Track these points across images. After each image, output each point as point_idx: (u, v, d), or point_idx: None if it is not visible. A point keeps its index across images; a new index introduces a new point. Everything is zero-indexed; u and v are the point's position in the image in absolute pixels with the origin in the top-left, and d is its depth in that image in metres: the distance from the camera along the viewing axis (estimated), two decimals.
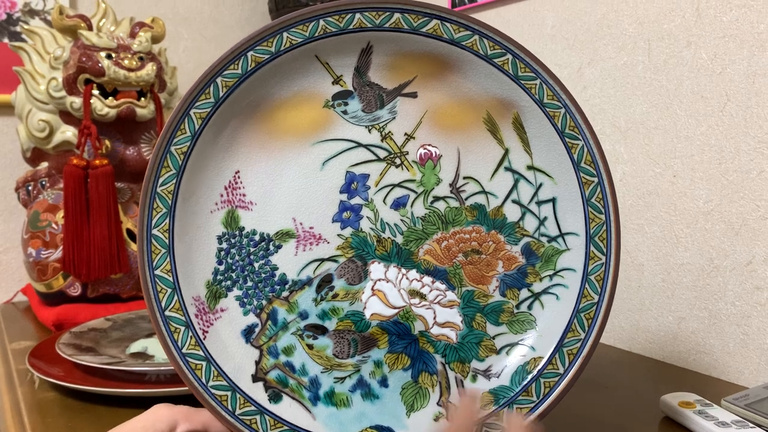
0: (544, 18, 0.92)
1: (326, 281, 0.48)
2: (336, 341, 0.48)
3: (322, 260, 0.48)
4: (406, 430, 0.47)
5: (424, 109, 0.48)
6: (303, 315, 0.48)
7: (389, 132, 0.48)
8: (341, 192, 0.48)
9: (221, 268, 0.47)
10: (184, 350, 0.45)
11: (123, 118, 0.94)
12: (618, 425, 0.58)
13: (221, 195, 0.47)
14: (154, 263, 0.45)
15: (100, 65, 0.91)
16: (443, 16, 0.47)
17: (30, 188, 1.00)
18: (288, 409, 0.47)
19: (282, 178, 0.48)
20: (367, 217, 0.48)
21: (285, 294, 0.48)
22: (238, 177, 0.47)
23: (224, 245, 0.47)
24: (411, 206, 0.49)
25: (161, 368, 0.65)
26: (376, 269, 0.48)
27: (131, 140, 0.99)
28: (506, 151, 0.49)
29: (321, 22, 0.46)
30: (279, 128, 0.48)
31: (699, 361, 0.74)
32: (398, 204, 0.48)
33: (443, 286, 0.49)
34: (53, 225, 0.94)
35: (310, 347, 0.48)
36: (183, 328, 0.45)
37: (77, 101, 0.92)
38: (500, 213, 0.49)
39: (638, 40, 0.78)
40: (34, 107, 0.96)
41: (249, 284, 0.47)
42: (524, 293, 0.49)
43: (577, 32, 0.86)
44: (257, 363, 0.47)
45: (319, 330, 0.48)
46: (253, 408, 0.46)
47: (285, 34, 0.45)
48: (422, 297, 0.49)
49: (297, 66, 0.47)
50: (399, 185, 0.48)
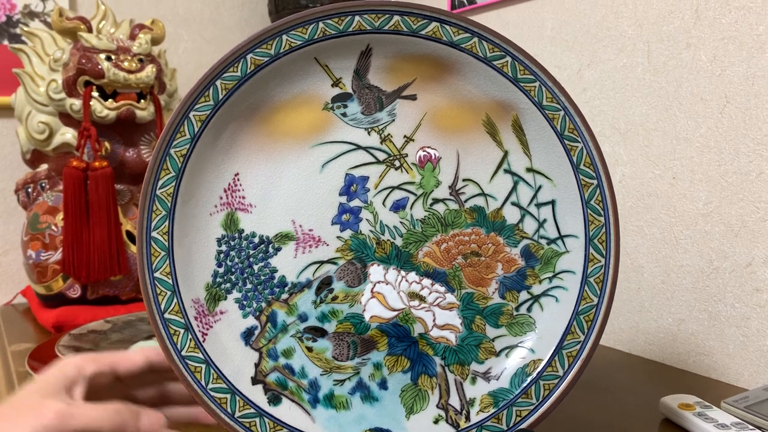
0: (544, 20, 0.92)
1: (326, 284, 0.48)
2: (335, 344, 0.48)
3: (322, 262, 0.48)
4: None
5: (424, 112, 0.49)
6: (302, 317, 0.48)
7: (388, 134, 0.48)
8: (341, 194, 0.48)
9: (221, 271, 0.47)
10: (184, 353, 0.45)
11: (123, 120, 0.94)
12: (618, 427, 0.58)
13: (221, 197, 0.47)
14: (154, 266, 0.45)
15: (100, 67, 0.91)
16: (442, 19, 0.47)
17: (30, 190, 1.00)
18: (287, 412, 0.47)
19: (281, 181, 0.48)
20: (367, 220, 0.48)
21: (284, 296, 0.48)
22: (238, 179, 0.47)
23: (224, 248, 0.47)
24: (410, 208, 0.49)
25: None
26: (376, 271, 0.48)
27: (131, 142, 0.99)
28: (505, 154, 0.49)
29: (320, 25, 0.46)
30: (278, 130, 0.48)
31: (699, 363, 0.74)
32: (398, 206, 0.49)
33: (443, 289, 0.49)
34: (53, 227, 0.94)
35: (310, 350, 0.48)
36: (182, 331, 0.45)
37: (77, 103, 0.92)
38: (499, 215, 0.49)
39: (638, 42, 0.79)
40: (34, 109, 0.96)
41: (248, 287, 0.47)
42: (524, 295, 0.49)
43: (577, 34, 0.86)
44: (257, 365, 0.47)
45: (319, 332, 0.48)
46: (253, 410, 0.46)
47: (284, 37, 0.45)
48: (422, 299, 0.49)
49: (296, 68, 0.47)
50: (398, 187, 0.48)
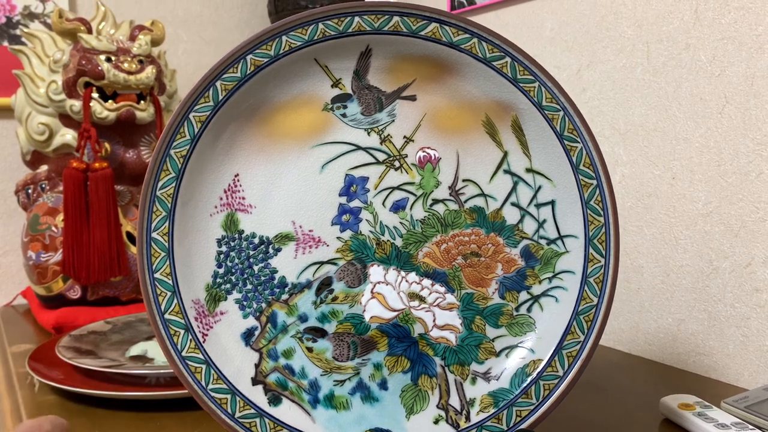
0: (543, 20, 0.92)
1: (326, 284, 0.48)
2: (335, 344, 0.48)
3: (322, 263, 0.48)
4: None
5: (423, 112, 0.49)
6: (302, 318, 0.48)
7: (388, 135, 0.48)
8: (340, 195, 0.48)
9: (221, 271, 0.47)
10: (184, 353, 0.45)
11: (122, 121, 0.94)
12: (617, 427, 0.58)
13: (220, 198, 0.47)
14: (154, 266, 0.45)
15: (100, 68, 0.91)
16: (442, 19, 0.47)
17: (30, 191, 1.00)
18: (288, 412, 0.47)
19: (281, 181, 0.48)
20: (367, 220, 0.48)
21: (284, 297, 0.48)
22: (238, 180, 0.47)
23: (224, 248, 0.47)
24: (410, 209, 0.49)
25: (161, 371, 0.65)
26: (376, 272, 0.48)
27: (131, 143, 0.99)
28: (505, 154, 0.49)
29: (320, 26, 0.46)
30: (278, 131, 0.48)
31: (698, 363, 0.74)
32: (397, 207, 0.49)
33: (443, 289, 0.49)
34: (53, 228, 0.95)
35: (310, 350, 0.48)
36: (182, 331, 0.46)
37: (77, 104, 0.92)
38: (499, 215, 0.49)
39: (637, 43, 0.79)
40: (34, 110, 0.96)
41: (248, 287, 0.47)
42: (523, 296, 0.49)
43: (576, 35, 0.86)
44: (257, 366, 0.47)
45: (319, 333, 0.48)
46: (253, 411, 0.46)
47: (284, 38, 0.46)
48: (422, 300, 0.49)
49: (296, 69, 0.47)
50: (398, 188, 0.49)
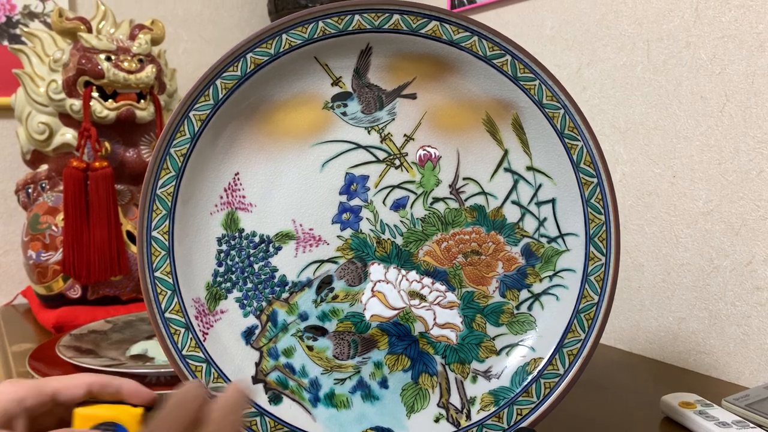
0: (544, 19, 0.92)
1: (326, 283, 0.48)
2: (336, 343, 0.48)
3: (322, 262, 0.48)
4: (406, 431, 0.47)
5: (424, 111, 0.49)
6: (303, 316, 0.48)
7: (388, 133, 0.48)
8: (341, 193, 0.48)
9: (221, 270, 0.47)
10: (184, 352, 0.45)
11: (123, 121, 0.94)
12: (618, 426, 0.58)
13: (221, 197, 0.47)
14: (154, 265, 0.45)
15: (100, 67, 0.91)
16: (442, 18, 0.47)
17: (30, 191, 1.00)
18: (288, 411, 0.47)
19: (281, 180, 0.48)
20: (367, 219, 0.48)
21: (285, 295, 0.48)
22: (238, 179, 0.47)
23: (224, 247, 0.47)
24: (411, 207, 0.49)
25: (161, 370, 0.65)
26: (376, 270, 0.48)
27: (131, 142, 0.99)
28: (506, 152, 0.49)
29: (320, 24, 0.46)
30: (278, 130, 0.48)
31: (699, 362, 0.74)
32: (398, 205, 0.49)
33: (443, 287, 0.49)
34: (53, 227, 0.94)
35: (310, 349, 0.48)
36: (183, 330, 0.45)
37: (77, 103, 0.92)
38: (500, 214, 0.49)
39: (637, 41, 0.79)
40: (34, 110, 0.96)
41: (249, 286, 0.47)
42: (524, 294, 0.49)
43: (577, 33, 0.86)
44: (257, 364, 0.47)
45: (319, 331, 0.48)
46: (254, 410, 0.46)
47: (284, 36, 0.45)
48: (422, 298, 0.49)
49: (296, 67, 0.47)
50: (398, 186, 0.48)
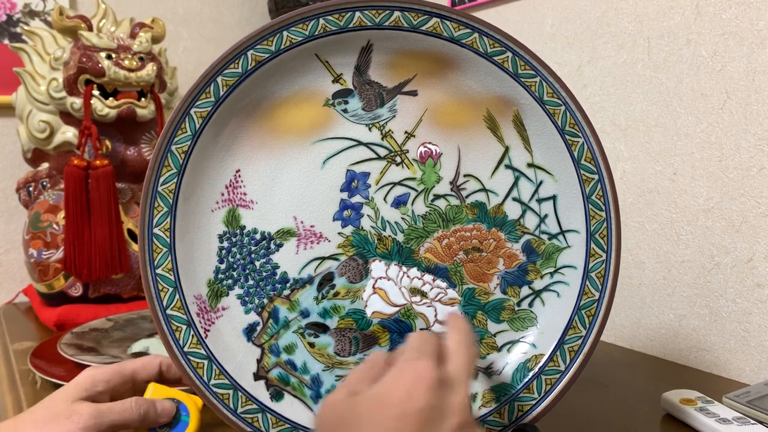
0: (544, 16, 0.92)
1: (327, 279, 0.48)
2: (337, 339, 0.48)
3: (323, 258, 0.48)
4: None
5: (425, 107, 0.49)
6: (304, 313, 0.48)
7: (389, 130, 0.48)
8: (342, 190, 0.48)
9: (222, 267, 0.47)
10: (186, 349, 0.45)
11: (123, 119, 0.94)
12: (619, 423, 0.58)
13: (222, 194, 0.47)
14: (156, 262, 0.45)
15: (101, 66, 0.91)
16: (443, 15, 0.47)
17: (31, 189, 1.00)
18: (290, 408, 0.47)
19: (282, 177, 0.48)
20: (368, 216, 0.48)
21: (286, 292, 0.48)
22: (239, 176, 0.47)
23: (225, 244, 0.47)
24: (412, 204, 0.49)
25: None
26: (377, 267, 0.48)
27: (132, 140, 0.99)
28: (506, 149, 0.49)
29: (321, 21, 0.46)
30: (279, 127, 0.48)
31: (700, 359, 0.74)
32: (399, 202, 0.49)
33: (444, 284, 0.49)
34: (54, 225, 0.95)
35: (312, 345, 0.48)
36: (184, 327, 0.46)
37: (77, 102, 0.92)
38: (501, 211, 0.49)
39: (638, 38, 0.78)
40: (35, 108, 0.96)
41: (250, 283, 0.47)
42: (525, 290, 0.49)
43: (577, 30, 0.86)
44: (259, 361, 0.47)
45: (321, 328, 0.48)
46: (255, 406, 0.46)
47: (285, 33, 0.46)
48: (423, 295, 0.49)
49: (297, 65, 0.47)
50: (399, 183, 0.49)
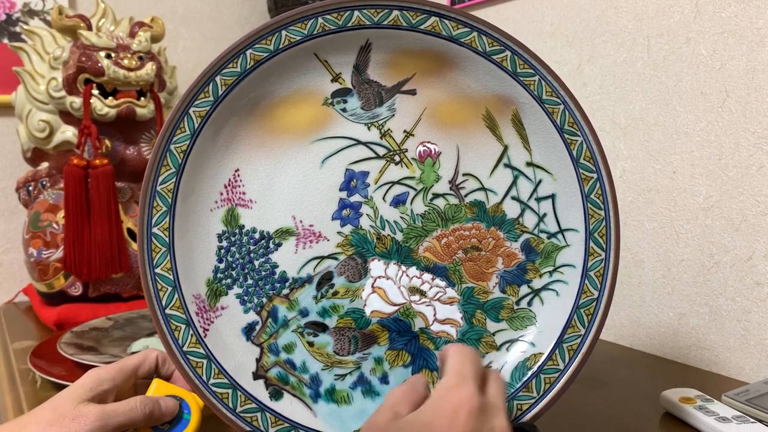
0: (543, 15, 0.92)
1: (326, 279, 0.48)
2: (336, 338, 0.48)
3: (322, 258, 0.48)
4: None
5: (423, 106, 0.49)
6: (303, 312, 0.48)
7: (388, 129, 0.48)
8: (341, 190, 0.48)
9: (221, 266, 0.47)
10: (185, 348, 0.45)
11: (123, 118, 0.94)
12: (618, 421, 0.58)
13: (221, 193, 0.47)
14: (155, 261, 0.45)
15: (100, 65, 0.91)
16: (442, 14, 0.47)
17: (30, 188, 1.00)
18: (289, 407, 0.47)
19: (281, 176, 0.48)
20: (367, 215, 0.48)
21: (285, 292, 0.48)
22: (238, 175, 0.47)
23: (224, 243, 0.47)
24: (410, 203, 0.49)
25: None
26: (376, 266, 0.48)
27: (131, 140, 0.99)
28: (505, 148, 0.49)
29: (320, 20, 0.46)
30: (278, 126, 0.48)
31: (699, 357, 0.74)
32: (398, 201, 0.49)
33: (443, 283, 0.49)
34: (54, 225, 0.95)
35: (311, 344, 0.48)
36: (184, 326, 0.46)
37: (77, 101, 0.92)
38: (500, 210, 0.49)
39: (637, 37, 0.78)
40: (34, 107, 0.96)
41: (249, 282, 0.47)
42: (524, 289, 0.49)
43: (576, 29, 0.86)
44: (258, 360, 0.47)
45: (320, 327, 0.48)
46: (254, 405, 0.46)
47: (284, 32, 0.45)
48: (422, 294, 0.49)
49: (296, 64, 0.47)
50: (398, 182, 0.49)
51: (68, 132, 0.96)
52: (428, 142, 0.49)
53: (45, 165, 1.00)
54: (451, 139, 0.49)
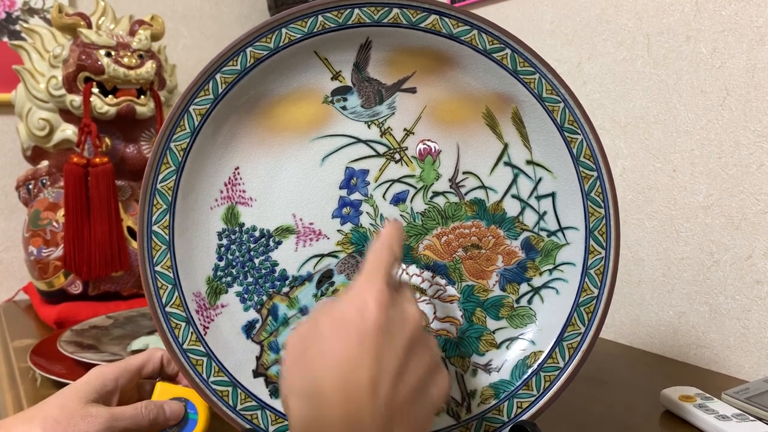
0: (544, 14, 0.91)
1: (327, 277, 0.48)
2: None
3: (323, 256, 0.48)
4: None
5: (424, 105, 0.49)
6: (303, 310, 0.48)
7: (388, 127, 0.48)
8: (341, 188, 0.48)
9: (221, 264, 0.47)
10: (185, 346, 0.45)
11: (123, 116, 0.94)
12: (618, 420, 0.58)
13: (221, 191, 0.47)
14: (155, 259, 0.45)
15: (100, 63, 0.91)
16: (442, 12, 0.47)
17: (30, 187, 1.00)
18: None
19: (281, 174, 0.48)
20: (367, 213, 0.48)
21: (285, 290, 0.48)
22: (238, 173, 0.47)
23: (224, 241, 0.47)
24: (410, 201, 0.49)
25: None
26: None
27: (131, 138, 0.99)
28: (505, 146, 0.49)
29: (320, 18, 0.46)
30: (278, 124, 0.48)
31: (699, 356, 0.74)
32: (398, 199, 0.49)
33: (443, 281, 0.49)
34: (54, 223, 0.95)
35: None
36: (184, 324, 0.46)
37: (77, 99, 0.92)
38: (500, 208, 0.49)
39: (637, 35, 0.78)
40: (34, 106, 0.96)
41: (249, 280, 0.47)
42: (524, 288, 0.49)
43: (577, 28, 0.86)
44: (258, 358, 0.47)
45: None
46: (255, 403, 0.46)
47: (284, 30, 0.45)
48: (422, 292, 0.49)
49: (296, 62, 0.47)
50: (398, 181, 0.49)
51: (68, 130, 0.96)
52: (428, 140, 0.49)
53: (45, 163, 1.00)
54: (452, 137, 0.49)
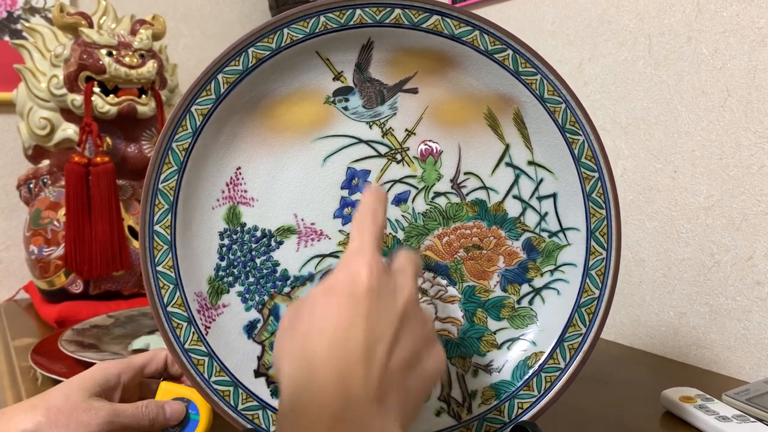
0: (545, 14, 0.91)
1: None
2: None
3: (324, 256, 0.48)
4: None
5: (425, 105, 0.49)
6: None
7: (390, 128, 0.48)
8: (342, 188, 0.48)
9: (223, 264, 0.47)
10: (187, 346, 0.46)
11: (124, 116, 0.94)
12: (619, 420, 0.58)
13: (222, 191, 0.47)
14: (156, 259, 0.45)
15: (101, 62, 0.91)
16: (444, 12, 0.47)
17: (31, 186, 1.00)
18: None
19: (283, 174, 0.48)
20: None
21: (287, 290, 0.48)
22: (240, 173, 0.47)
23: (226, 241, 0.47)
24: (412, 202, 0.49)
25: None
26: None
27: (132, 137, 0.99)
28: (507, 147, 0.49)
29: (322, 18, 0.46)
30: (280, 124, 0.48)
31: (700, 356, 0.74)
32: (399, 200, 0.49)
33: (444, 282, 0.49)
34: (55, 222, 0.95)
35: None
36: (185, 324, 0.46)
37: (78, 99, 0.92)
38: (501, 208, 0.49)
39: (639, 36, 0.78)
40: (36, 105, 0.96)
41: (251, 280, 0.48)
42: (525, 288, 0.49)
43: (578, 28, 0.86)
44: (259, 358, 0.47)
45: None
46: (256, 403, 0.46)
47: (286, 31, 0.46)
48: (423, 292, 0.49)
49: (298, 62, 0.47)
50: (400, 181, 0.49)
51: (69, 129, 0.96)
52: (430, 141, 0.49)
53: (46, 162, 1.00)
54: (453, 138, 0.49)
